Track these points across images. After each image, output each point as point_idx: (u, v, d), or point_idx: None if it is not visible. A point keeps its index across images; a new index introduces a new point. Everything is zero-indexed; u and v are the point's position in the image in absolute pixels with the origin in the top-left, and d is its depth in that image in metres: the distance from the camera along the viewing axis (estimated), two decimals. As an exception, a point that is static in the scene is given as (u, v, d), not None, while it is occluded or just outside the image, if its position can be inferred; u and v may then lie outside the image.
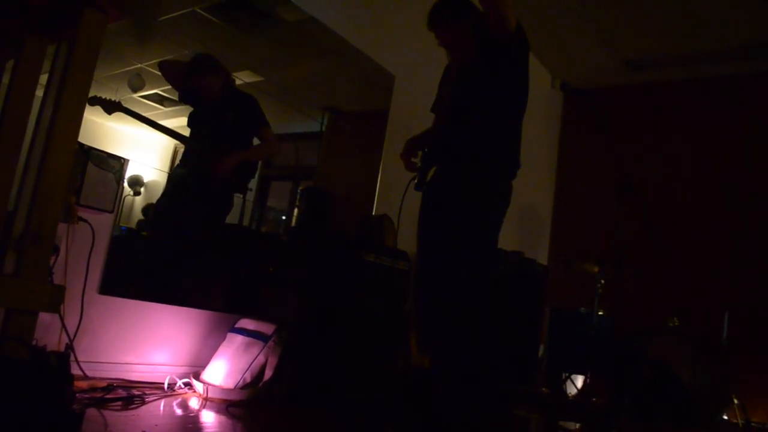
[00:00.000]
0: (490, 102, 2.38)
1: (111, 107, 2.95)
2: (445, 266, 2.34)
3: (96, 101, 2.85)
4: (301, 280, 2.98)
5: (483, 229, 2.38)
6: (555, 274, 4.90)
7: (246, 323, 2.82)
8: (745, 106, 5.14)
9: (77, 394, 1.99)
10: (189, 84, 3.17)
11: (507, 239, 4.98)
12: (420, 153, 2.58)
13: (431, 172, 2.58)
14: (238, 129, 3.24)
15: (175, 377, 2.54)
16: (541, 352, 4.44)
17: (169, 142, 3.42)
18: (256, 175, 3.89)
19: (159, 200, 3.23)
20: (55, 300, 1.51)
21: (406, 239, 3.52)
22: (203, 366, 2.72)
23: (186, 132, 3.31)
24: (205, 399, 2.43)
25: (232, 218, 3.48)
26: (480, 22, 2.43)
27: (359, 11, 3.77)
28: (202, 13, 3.32)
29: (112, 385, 2.27)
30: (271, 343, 2.67)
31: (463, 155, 2.43)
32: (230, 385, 2.54)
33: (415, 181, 2.50)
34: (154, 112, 3.58)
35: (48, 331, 2.21)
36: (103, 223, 2.44)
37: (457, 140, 2.45)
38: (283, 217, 4.17)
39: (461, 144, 2.44)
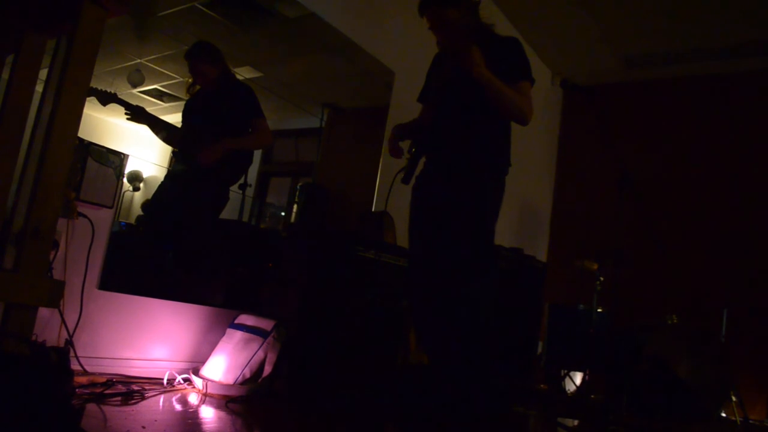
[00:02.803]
0: (487, 101, 2.37)
1: (106, 98, 2.95)
2: (451, 266, 2.32)
3: (91, 92, 2.84)
4: (300, 277, 2.98)
5: (487, 228, 2.37)
6: (554, 270, 4.91)
7: (245, 319, 2.82)
8: (746, 104, 5.14)
9: (77, 390, 1.99)
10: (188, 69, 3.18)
11: (506, 236, 4.99)
12: (409, 142, 2.52)
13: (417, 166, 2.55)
14: (232, 119, 3.21)
15: (174, 373, 2.55)
16: (540, 348, 4.44)
17: (169, 138, 3.41)
18: (256, 171, 3.89)
19: (154, 193, 3.24)
20: (54, 295, 1.51)
21: (407, 236, 3.52)
22: (202, 361, 2.72)
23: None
24: (205, 395, 2.43)
25: (231, 214, 3.48)
26: (475, 12, 2.41)
27: (360, 8, 3.76)
28: (202, 8, 3.32)
29: (112, 381, 2.27)
30: (270, 338, 2.67)
31: (460, 153, 2.41)
32: (229, 380, 2.54)
33: (403, 174, 2.44)
34: (154, 107, 3.57)
35: (47, 327, 2.21)
36: (103, 219, 2.44)
37: (455, 138, 2.42)
38: (283, 214, 4.17)
39: (459, 142, 2.42)
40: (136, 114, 3.08)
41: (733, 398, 3.73)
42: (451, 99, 2.41)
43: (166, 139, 3.26)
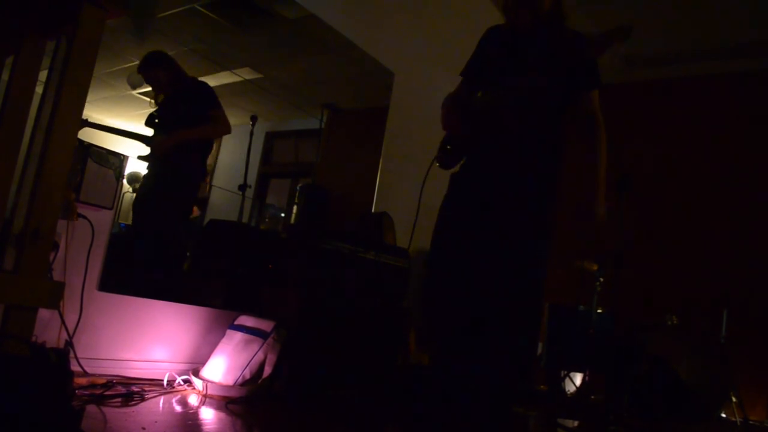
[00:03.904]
0: (557, 95, 2.26)
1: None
2: (519, 274, 2.19)
3: None
4: (300, 278, 2.98)
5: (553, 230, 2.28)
6: (554, 271, 4.90)
7: (245, 320, 2.82)
8: (745, 104, 5.14)
9: (77, 391, 1.99)
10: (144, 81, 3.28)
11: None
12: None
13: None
14: (189, 115, 3.27)
15: (174, 374, 2.55)
16: (539, 349, 4.44)
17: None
18: (255, 173, 3.90)
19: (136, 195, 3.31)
20: (54, 297, 1.51)
21: (405, 237, 3.52)
22: (202, 363, 2.72)
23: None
24: (205, 396, 2.43)
25: (231, 215, 3.49)
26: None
27: (359, 9, 3.76)
28: (202, 9, 3.32)
29: (112, 382, 2.27)
30: (270, 339, 2.67)
31: (534, 148, 2.24)
32: (229, 381, 2.54)
33: (441, 159, 2.28)
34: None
35: (47, 328, 2.21)
36: (103, 220, 2.44)
37: (530, 140, 2.24)
38: (282, 215, 4.17)
39: (533, 144, 2.24)
40: (112, 132, 3.18)
41: (733, 399, 3.73)
42: (529, 97, 2.22)
43: None
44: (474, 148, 2.32)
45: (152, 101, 3.29)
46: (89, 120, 3.03)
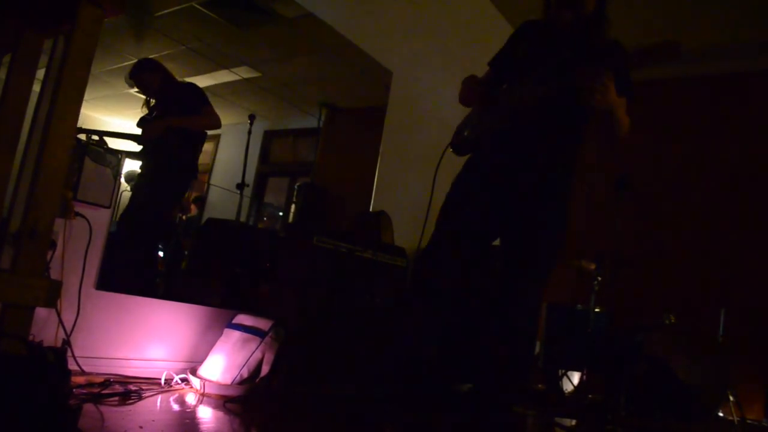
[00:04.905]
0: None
1: None
2: (539, 251, 2.28)
3: None
4: (298, 276, 2.98)
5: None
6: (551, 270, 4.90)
7: (243, 319, 2.82)
8: (745, 104, 5.14)
9: (74, 390, 1.99)
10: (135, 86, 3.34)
11: (504, 236, 4.98)
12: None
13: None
14: (182, 114, 3.31)
15: (172, 373, 2.54)
16: (537, 349, 4.44)
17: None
18: (254, 171, 3.90)
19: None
20: (52, 295, 1.51)
21: (404, 235, 3.52)
22: (200, 362, 2.72)
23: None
24: (202, 395, 2.43)
25: (229, 214, 3.48)
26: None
27: (357, 8, 3.76)
28: (200, 8, 3.32)
29: (109, 381, 2.27)
30: (268, 338, 2.66)
31: (557, 146, 2.29)
32: (227, 380, 2.54)
33: (455, 143, 2.30)
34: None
35: (45, 327, 2.21)
36: (100, 218, 2.43)
37: (557, 130, 2.28)
38: (280, 214, 4.17)
39: (556, 133, 2.28)
40: (105, 135, 3.21)
41: (731, 398, 3.74)
42: (557, 97, 2.22)
43: None
44: (495, 137, 2.32)
45: (143, 106, 3.32)
46: (81, 127, 3.05)
